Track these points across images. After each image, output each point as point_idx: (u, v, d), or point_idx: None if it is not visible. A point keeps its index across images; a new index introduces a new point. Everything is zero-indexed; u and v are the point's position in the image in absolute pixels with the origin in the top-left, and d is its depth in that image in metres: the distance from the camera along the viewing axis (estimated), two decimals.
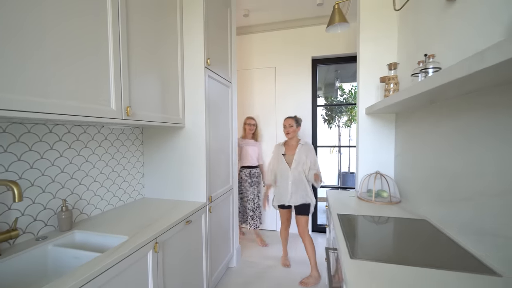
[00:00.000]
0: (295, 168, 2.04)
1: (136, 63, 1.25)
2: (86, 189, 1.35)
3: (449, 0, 1.08)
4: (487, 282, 0.74)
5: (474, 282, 0.74)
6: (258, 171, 2.83)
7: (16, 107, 0.73)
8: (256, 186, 2.78)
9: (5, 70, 0.72)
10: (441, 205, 1.18)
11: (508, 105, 0.78)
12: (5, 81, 0.72)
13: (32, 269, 1.00)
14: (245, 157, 2.76)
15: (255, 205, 2.75)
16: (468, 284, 0.74)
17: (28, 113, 0.76)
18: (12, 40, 0.74)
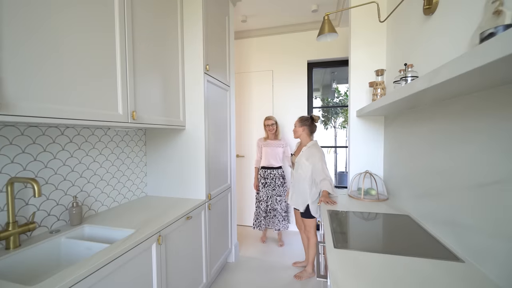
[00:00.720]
0: (296, 171, 2.03)
1: (140, 70, 1.36)
2: (94, 187, 1.46)
3: (426, 15, 1.19)
4: (451, 267, 0.85)
5: (441, 267, 0.85)
6: (273, 172, 2.70)
7: (44, 114, 0.84)
8: (271, 188, 2.69)
9: (38, 85, 0.82)
10: (420, 201, 1.28)
11: (474, 112, 0.89)
12: (39, 94, 0.82)
13: (47, 259, 1.10)
14: (263, 157, 2.73)
15: (268, 207, 2.69)
16: (436, 269, 0.84)
17: (50, 119, 0.87)
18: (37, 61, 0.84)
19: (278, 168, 2.73)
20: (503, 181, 0.73)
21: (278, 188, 2.69)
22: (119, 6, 1.20)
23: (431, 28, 1.17)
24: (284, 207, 2.73)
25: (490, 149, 0.79)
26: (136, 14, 1.33)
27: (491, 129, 0.79)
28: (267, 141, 2.73)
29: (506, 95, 0.73)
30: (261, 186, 2.72)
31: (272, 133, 2.70)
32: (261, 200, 2.72)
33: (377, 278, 0.80)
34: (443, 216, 1.06)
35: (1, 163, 1.02)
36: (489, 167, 0.79)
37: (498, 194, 0.75)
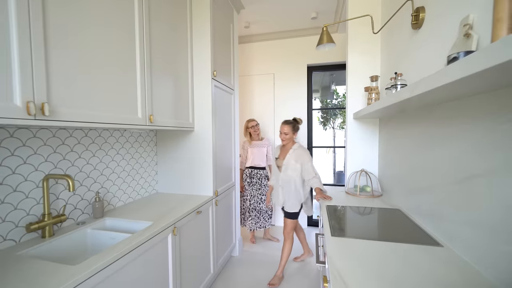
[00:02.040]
0: (284, 173, 2.03)
1: (156, 78, 1.50)
2: (112, 183, 1.59)
3: (414, 29, 1.33)
4: (431, 250, 0.99)
5: (423, 251, 0.99)
6: (260, 172, 2.79)
7: (81, 119, 0.98)
8: (256, 188, 2.77)
9: (75, 95, 0.96)
10: (409, 196, 1.42)
11: (451, 117, 1.03)
12: (77, 101, 0.96)
13: (76, 247, 1.24)
14: (250, 158, 2.81)
15: (251, 206, 2.78)
16: (418, 252, 0.98)
17: (86, 123, 1.01)
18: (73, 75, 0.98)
19: (263, 169, 2.83)
20: (474, 176, 0.87)
21: (263, 188, 2.78)
22: (139, 25, 1.34)
23: (419, 41, 1.31)
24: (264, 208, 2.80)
25: (464, 149, 0.93)
26: (153, 30, 1.47)
27: (464, 132, 0.93)
28: (253, 143, 2.82)
29: (474, 105, 0.87)
30: (247, 185, 2.80)
31: (257, 133, 2.82)
32: (246, 198, 2.81)
33: (367, 259, 0.94)
34: (427, 208, 1.20)
35: (38, 161, 1.16)
36: (464, 165, 0.93)
37: (470, 187, 0.89)
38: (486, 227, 0.81)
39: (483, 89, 0.78)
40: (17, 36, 0.78)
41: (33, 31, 0.83)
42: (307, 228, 3.29)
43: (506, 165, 0.73)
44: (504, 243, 0.73)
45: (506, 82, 0.67)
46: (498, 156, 0.76)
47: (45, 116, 0.85)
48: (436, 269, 0.86)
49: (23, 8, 0.80)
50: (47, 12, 0.88)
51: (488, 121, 0.80)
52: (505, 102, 0.74)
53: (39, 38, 0.85)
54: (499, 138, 0.75)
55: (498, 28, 0.56)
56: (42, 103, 0.84)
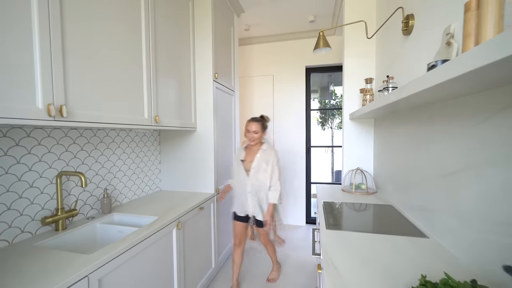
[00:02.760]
0: (254, 177, 1.79)
1: (160, 81, 1.57)
2: (118, 181, 1.67)
3: (404, 35, 1.41)
4: (418, 241, 1.07)
5: (410, 242, 1.07)
6: None
7: (95, 120, 1.07)
8: None
9: (90, 98, 1.04)
10: (400, 193, 1.51)
11: (437, 118, 1.11)
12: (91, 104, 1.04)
13: (86, 240, 1.31)
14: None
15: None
16: (406, 242, 1.06)
17: (100, 124, 1.09)
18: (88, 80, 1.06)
19: None
20: (454, 172, 0.95)
21: None
22: (145, 32, 1.42)
23: (409, 46, 1.39)
24: None
25: (447, 147, 1.01)
26: (158, 36, 1.55)
27: (446, 131, 1.01)
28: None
29: (454, 107, 0.95)
30: None
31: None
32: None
33: (358, 249, 1.02)
34: (415, 203, 1.29)
35: (51, 159, 1.24)
36: (446, 162, 1.01)
37: (454, 182, 0.97)
38: (464, 218, 0.89)
39: (461, 93, 0.86)
40: (40, 48, 0.86)
41: (53, 43, 0.91)
42: (305, 225, 3.37)
43: (482, 161, 0.81)
44: (477, 231, 0.81)
45: (479, 87, 0.75)
46: (475, 153, 0.84)
47: (63, 117, 0.93)
48: (420, 257, 0.94)
49: (44, 24, 0.88)
50: (65, 27, 0.96)
51: (467, 121, 0.89)
52: (481, 104, 0.82)
53: (58, 49, 0.93)
54: (477, 136, 0.84)
55: (467, 41, 0.64)
56: (61, 105, 0.92)
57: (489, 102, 0.78)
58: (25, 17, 0.83)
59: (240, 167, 1.85)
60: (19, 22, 0.82)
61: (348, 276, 0.83)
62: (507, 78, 0.63)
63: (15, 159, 1.09)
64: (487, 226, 0.78)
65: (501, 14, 0.56)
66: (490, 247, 0.77)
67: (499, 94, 0.74)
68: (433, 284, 0.67)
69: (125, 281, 1.07)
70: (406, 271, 0.85)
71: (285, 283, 2.09)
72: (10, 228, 1.07)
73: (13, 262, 0.91)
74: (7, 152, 1.06)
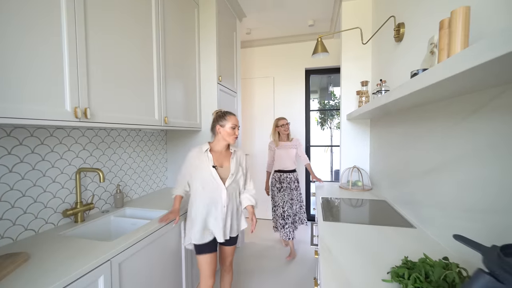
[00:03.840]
0: (231, 186, 1.42)
1: (170, 84, 1.69)
2: (129, 178, 1.78)
3: (396, 42, 1.52)
4: (406, 231, 1.18)
5: (399, 231, 1.18)
6: (290, 176, 2.55)
7: (113, 120, 1.18)
8: (286, 193, 2.52)
9: (108, 100, 1.15)
10: (393, 189, 1.62)
11: (422, 119, 1.22)
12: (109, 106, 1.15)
13: (102, 231, 1.42)
14: (277, 160, 2.56)
15: (285, 212, 2.49)
16: (396, 232, 1.17)
17: (117, 125, 1.21)
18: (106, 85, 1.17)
19: (294, 172, 2.59)
20: (437, 167, 1.06)
21: (293, 192, 2.56)
22: (156, 39, 1.53)
23: (400, 52, 1.50)
24: (295, 210, 2.57)
25: (431, 145, 1.12)
26: (167, 43, 1.66)
27: (430, 131, 1.12)
28: (280, 143, 2.56)
29: (436, 109, 1.06)
30: (276, 191, 2.55)
31: (287, 133, 2.56)
32: (277, 205, 2.56)
33: (351, 237, 1.13)
34: (405, 198, 1.40)
35: (71, 157, 1.35)
36: (430, 159, 1.12)
37: (434, 177, 1.08)
38: (443, 208, 1.00)
39: (441, 97, 0.97)
40: (68, 57, 0.98)
41: (79, 51, 1.02)
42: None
43: (457, 157, 0.92)
44: (454, 219, 0.92)
45: (454, 92, 0.86)
46: (451, 150, 0.95)
47: (87, 119, 1.04)
48: (407, 244, 1.05)
49: (72, 38, 0.99)
50: (88, 38, 1.08)
51: (446, 122, 0.99)
52: (456, 108, 0.93)
53: (82, 57, 1.04)
54: (453, 135, 0.95)
55: (441, 55, 0.74)
56: (85, 108, 1.03)
57: (462, 106, 0.89)
58: (56, 36, 0.94)
59: (213, 176, 1.37)
60: (52, 39, 0.93)
61: (341, 259, 0.94)
62: (475, 86, 0.74)
63: (40, 157, 1.20)
64: (461, 214, 0.89)
65: (467, 33, 0.67)
66: (465, 231, 0.88)
67: (471, 100, 0.85)
68: (413, 263, 0.78)
69: (140, 267, 1.18)
70: (393, 255, 0.96)
71: (287, 274, 2.20)
72: (36, 219, 1.18)
73: (45, 248, 1.02)
74: (34, 150, 1.17)
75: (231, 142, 1.45)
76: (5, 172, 1.06)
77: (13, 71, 0.82)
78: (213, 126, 1.46)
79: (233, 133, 1.43)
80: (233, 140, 1.44)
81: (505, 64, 0.50)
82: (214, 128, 1.45)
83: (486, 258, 0.41)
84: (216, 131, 1.44)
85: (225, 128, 1.42)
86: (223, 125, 1.42)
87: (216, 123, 1.44)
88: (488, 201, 0.77)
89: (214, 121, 1.46)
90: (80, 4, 1.03)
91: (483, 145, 0.79)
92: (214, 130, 1.46)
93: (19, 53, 0.84)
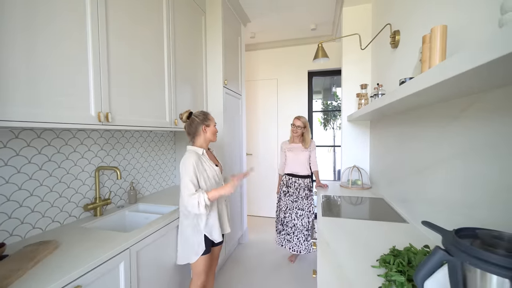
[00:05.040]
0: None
1: (179, 88, 1.80)
2: (141, 176, 1.90)
3: (392, 48, 1.61)
4: (400, 226, 1.27)
5: (393, 226, 1.27)
6: (298, 181, 2.35)
7: (129, 123, 1.30)
8: (292, 199, 2.34)
9: (126, 105, 1.27)
10: (390, 187, 1.70)
11: (419, 120, 1.31)
12: (126, 109, 1.27)
13: (118, 224, 1.55)
14: (288, 163, 2.40)
15: (285, 218, 2.36)
16: (390, 227, 1.26)
17: (132, 127, 1.33)
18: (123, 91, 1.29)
19: (305, 178, 2.37)
20: (428, 166, 1.15)
21: (301, 200, 2.32)
22: (167, 50, 1.65)
23: (396, 58, 1.59)
24: (306, 223, 2.29)
25: (424, 145, 1.21)
26: (178, 52, 1.78)
27: (423, 132, 1.21)
28: (292, 145, 2.39)
29: (428, 113, 1.15)
30: (282, 195, 2.40)
31: (296, 136, 2.34)
32: (279, 209, 2.43)
33: (348, 230, 1.22)
34: (400, 195, 1.48)
35: (90, 156, 1.47)
36: (422, 158, 1.21)
37: (425, 176, 1.17)
38: (432, 205, 1.09)
39: (428, 102, 1.06)
40: (93, 67, 1.10)
41: (101, 60, 1.14)
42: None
43: (445, 157, 1.01)
44: (441, 214, 1.01)
45: (438, 98, 0.95)
46: (441, 150, 1.04)
47: (109, 122, 1.16)
48: (398, 237, 1.14)
49: (96, 47, 1.11)
50: (109, 47, 1.20)
51: (438, 123, 1.08)
52: (443, 113, 1.02)
53: (104, 65, 1.16)
54: (445, 137, 1.04)
55: (424, 66, 0.84)
56: (107, 112, 1.15)
57: (448, 111, 0.98)
58: (83, 52, 1.07)
59: (217, 175, 1.47)
60: (79, 55, 1.05)
61: (337, 248, 1.04)
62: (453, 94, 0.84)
63: (65, 156, 1.32)
64: (446, 209, 0.98)
65: (444, 47, 0.76)
66: (451, 225, 0.97)
67: (453, 105, 0.94)
68: (399, 251, 0.88)
69: (154, 256, 1.30)
70: (384, 246, 1.05)
71: (289, 268, 2.30)
72: (61, 212, 1.30)
73: (71, 237, 1.14)
74: (60, 150, 1.29)
75: (214, 140, 1.50)
76: (36, 169, 1.19)
77: (48, 82, 0.94)
78: (195, 128, 1.43)
79: (216, 131, 1.50)
80: (215, 138, 1.51)
81: (476, 75, 0.57)
82: (197, 130, 1.43)
83: (444, 239, 0.51)
84: (200, 131, 1.44)
85: (210, 127, 1.45)
86: (208, 125, 1.44)
87: (201, 124, 1.43)
88: (472, 197, 0.87)
89: (195, 121, 1.43)
90: (102, 17, 1.15)
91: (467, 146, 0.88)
92: (196, 132, 1.44)
93: (56, 69, 0.96)
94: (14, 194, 1.10)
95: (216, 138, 1.51)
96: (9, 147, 1.09)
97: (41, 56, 0.93)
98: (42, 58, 0.93)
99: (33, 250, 0.97)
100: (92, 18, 1.11)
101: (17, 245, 1.06)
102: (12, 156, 1.10)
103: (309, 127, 2.37)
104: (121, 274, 1.07)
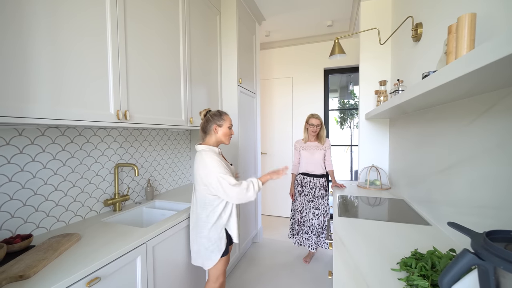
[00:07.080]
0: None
1: (194, 87, 1.83)
2: (158, 173, 1.95)
3: (414, 41, 1.53)
4: (422, 228, 1.21)
5: (415, 228, 1.21)
6: (313, 181, 2.33)
7: (147, 121, 1.34)
8: (307, 199, 2.32)
9: (143, 104, 1.31)
10: (410, 188, 1.62)
11: (440, 118, 1.24)
12: (144, 109, 1.31)
13: (136, 219, 1.59)
14: (302, 162, 2.37)
15: (302, 218, 2.34)
16: (412, 229, 1.20)
17: (150, 125, 1.37)
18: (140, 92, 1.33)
19: (320, 177, 2.34)
20: (452, 166, 1.08)
21: (317, 200, 2.30)
22: (183, 48, 1.68)
23: (418, 52, 1.51)
24: (321, 222, 2.30)
25: (444, 145, 1.14)
26: (193, 52, 1.80)
27: (443, 131, 1.14)
28: (307, 144, 2.35)
29: (449, 110, 1.08)
30: (297, 195, 2.37)
31: (314, 135, 2.33)
32: (295, 209, 2.39)
33: (364, 231, 1.18)
34: (422, 196, 1.41)
35: (110, 153, 1.53)
36: (443, 158, 1.14)
37: (448, 175, 1.10)
38: (456, 206, 1.03)
39: (452, 98, 0.99)
40: (112, 67, 1.13)
41: (120, 61, 1.18)
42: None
43: (469, 156, 0.94)
44: (466, 216, 0.95)
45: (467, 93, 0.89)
46: (464, 149, 0.97)
47: (127, 120, 1.20)
48: (420, 240, 1.08)
49: (115, 51, 1.15)
50: (128, 50, 1.23)
51: (458, 122, 1.02)
52: (469, 109, 0.95)
53: (123, 67, 1.20)
54: (466, 135, 0.97)
55: (449, 57, 0.78)
56: (125, 110, 1.19)
57: (474, 106, 0.92)
58: (103, 54, 1.11)
59: (233, 173, 1.41)
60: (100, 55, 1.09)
61: (354, 249, 1.00)
62: (484, 87, 0.78)
63: (86, 153, 1.38)
64: (473, 211, 0.92)
65: (473, 38, 0.71)
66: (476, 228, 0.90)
67: (480, 100, 0.87)
68: (421, 254, 0.83)
69: (169, 251, 1.32)
70: (405, 249, 1.00)
71: (304, 269, 2.27)
72: (83, 206, 1.36)
73: (92, 231, 1.19)
74: (82, 147, 1.35)
75: (226, 142, 1.39)
76: (60, 165, 1.25)
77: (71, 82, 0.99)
78: (206, 126, 1.36)
79: (229, 133, 1.39)
80: (228, 140, 1.40)
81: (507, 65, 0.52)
82: (209, 128, 1.36)
83: (473, 241, 0.47)
84: (212, 130, 1.36)
85: (222, 128, 1.36)
86: (220, 125, 1.36)
87: (212, 122, 1.35)
88: (502, 198, 0.80)
89: (208, 120, 1.36)
90: (121, 20, 1.19)
91: (494, 144, 0.82)
92: (208, 130, 1.37)
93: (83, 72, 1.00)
94: (40, 189, 1.17)
95: (229, 141, 1.42)
96: (36, 144, 1.15)
97: (64, 57, 0.97)
98: (65, 59, 0.97)
99: (57, 241, 1.02)
100: (112, 18, 1.14)
101: (42, 236, 1.12)
102: (39, 153, 1.16)
103: (323, 124, 2.36)
104: (138, 268, 1.10)
